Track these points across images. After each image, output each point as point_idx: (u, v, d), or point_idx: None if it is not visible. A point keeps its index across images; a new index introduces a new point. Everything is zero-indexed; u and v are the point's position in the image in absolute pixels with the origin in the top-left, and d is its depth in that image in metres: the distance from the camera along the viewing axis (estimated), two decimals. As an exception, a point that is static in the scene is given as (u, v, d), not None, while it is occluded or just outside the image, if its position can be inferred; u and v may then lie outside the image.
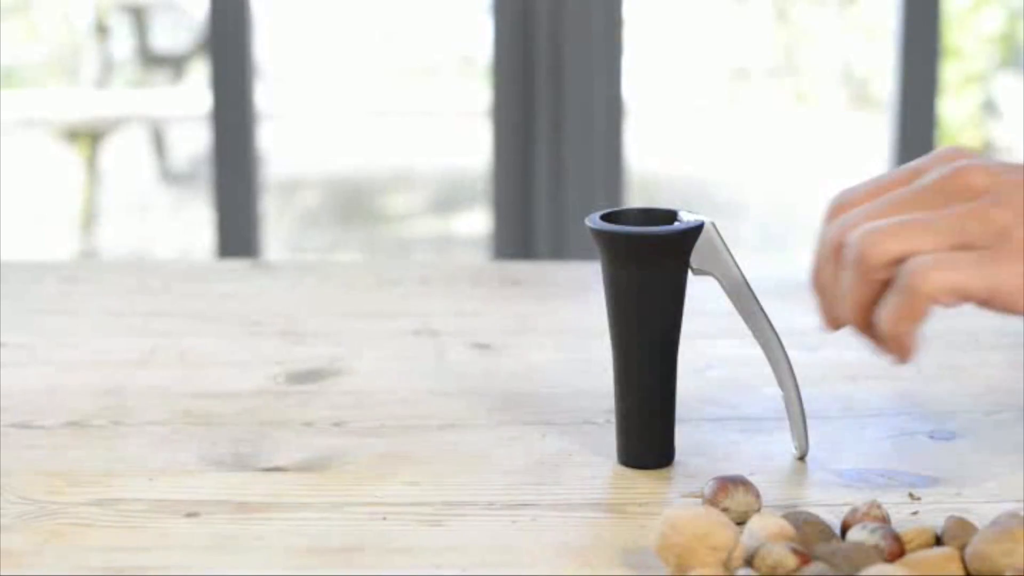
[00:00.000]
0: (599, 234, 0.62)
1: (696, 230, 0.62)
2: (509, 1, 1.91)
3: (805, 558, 0.51)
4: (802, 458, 0.66)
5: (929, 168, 0.55)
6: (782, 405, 0.66)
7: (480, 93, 2.38)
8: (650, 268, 0.62)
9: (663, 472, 0.64)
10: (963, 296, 0.52)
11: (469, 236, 3.60)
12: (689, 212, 0.64)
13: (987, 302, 0.52)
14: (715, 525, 0.52)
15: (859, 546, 0.52)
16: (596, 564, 0.55)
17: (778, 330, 0.65)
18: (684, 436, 0.68)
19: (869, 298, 0.54)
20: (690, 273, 0.64)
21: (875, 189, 0.56)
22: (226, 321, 0.90)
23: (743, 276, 0.63)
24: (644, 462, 0.65)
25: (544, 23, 1.90)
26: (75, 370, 0.80)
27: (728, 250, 0.63)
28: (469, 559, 0.55)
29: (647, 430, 0.65)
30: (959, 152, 0.55)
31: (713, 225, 0.63)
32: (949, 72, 3.72)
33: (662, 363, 0.64)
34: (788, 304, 0.93)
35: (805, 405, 0.66)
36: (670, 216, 0.64)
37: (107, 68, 4.21)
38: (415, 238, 3.77)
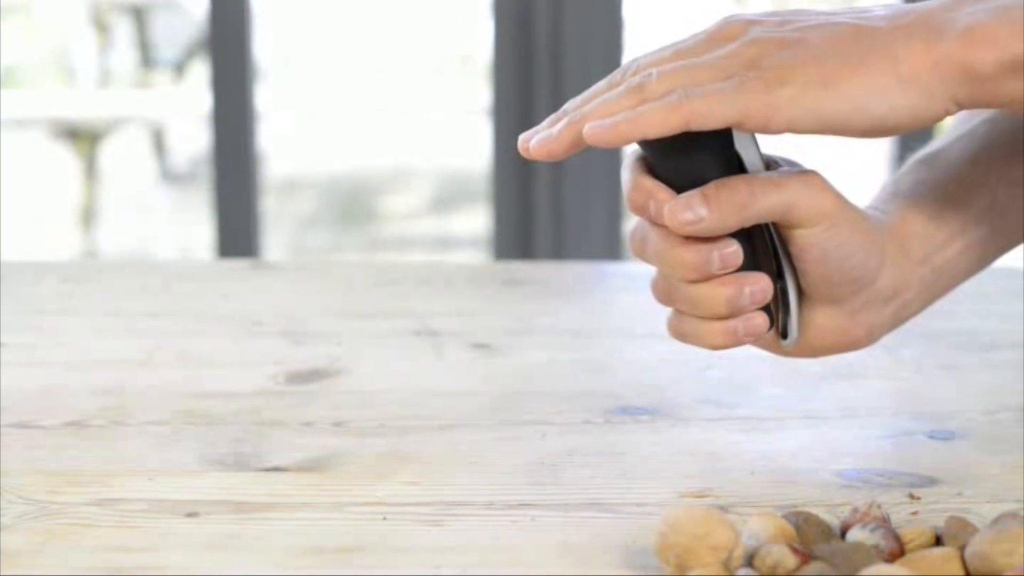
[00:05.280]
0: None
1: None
2: (509, 1, 1.91)
3: (805, 558, 0.51)
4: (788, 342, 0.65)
5: (706, 30, 0.62)
6: (781, 405, 0.66)
7: (480, 93, 2.38)
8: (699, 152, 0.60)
9: (663, 472, 0.64)
10: (716, 120, 0.57)
11: (469, 236, 3.60)
12: None
13: (741, 124, 0.57)
14: (715, 525, 0.52)
15: (859, 546, 0.52)
16: (596, 564, 0.55)
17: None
18: (684, 436, 0.68)
19: (621, 108, 0.59)
20: None
21: (664, 48, 0.62)
22: (226, 321, 0.90)
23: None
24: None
25: (544, 23, 1.90)
26: (75, 370, 0.80)
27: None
28: (469, 559, 0.55)
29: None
30: (729, 15, 0.62)
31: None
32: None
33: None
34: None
35: (805, 405, 0.66)
36: None
37: (107, 68, 4.21)
38: (415, 238, 3.77)
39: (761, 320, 0.62)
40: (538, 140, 0.60)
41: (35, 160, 4.03)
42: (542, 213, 1.94)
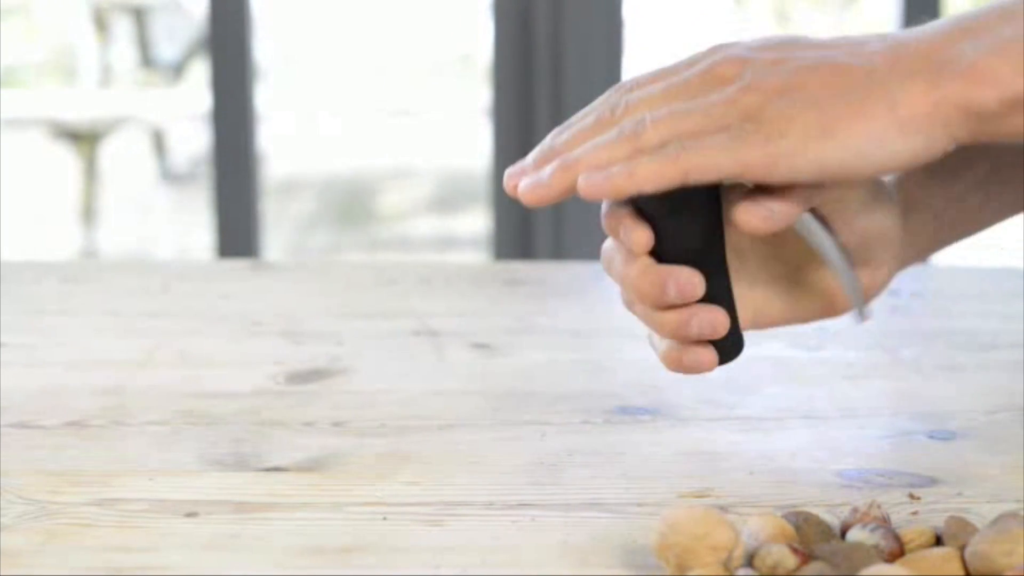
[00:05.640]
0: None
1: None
2: (509, 1, 1.91)
3: (805, 558, 0.51)
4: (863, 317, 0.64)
5: (698, 61, 0.60)
6: (784, 404, 0.66)
7: (480, 93, 2.38)
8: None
9: (663, 472, 0.64)
10: (715, 174, 0.56)
11: (469, 236, 3.60)
12: None
13: (742, 176, 0.57)
14: (715, 525, 0.52)
15: (859, 546, 0.52)
16: (596, 564, 0.55)
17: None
18: (684, 436, 0.68)
19: (615, 158, 0.58)
20: None
21: (653, 79, 0.61)
22: (226, 321, 0.90)
23: None
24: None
25: (544, 23, 1.90)
26: (75, 370, 0.80)
27: None
28: (469, 559, 0.55)
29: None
30: (723, 45, 0.60)
31: None
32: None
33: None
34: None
35: (805, 405, 0.66)
36: None
37: (107, 68, 4.21)
38: (415, 238, 3.78)
39: (708, 358, 0.62)
40: (528, 185, 0.59)
41: (35, 160, 4.03)
42: (542, 213, 1.94)
